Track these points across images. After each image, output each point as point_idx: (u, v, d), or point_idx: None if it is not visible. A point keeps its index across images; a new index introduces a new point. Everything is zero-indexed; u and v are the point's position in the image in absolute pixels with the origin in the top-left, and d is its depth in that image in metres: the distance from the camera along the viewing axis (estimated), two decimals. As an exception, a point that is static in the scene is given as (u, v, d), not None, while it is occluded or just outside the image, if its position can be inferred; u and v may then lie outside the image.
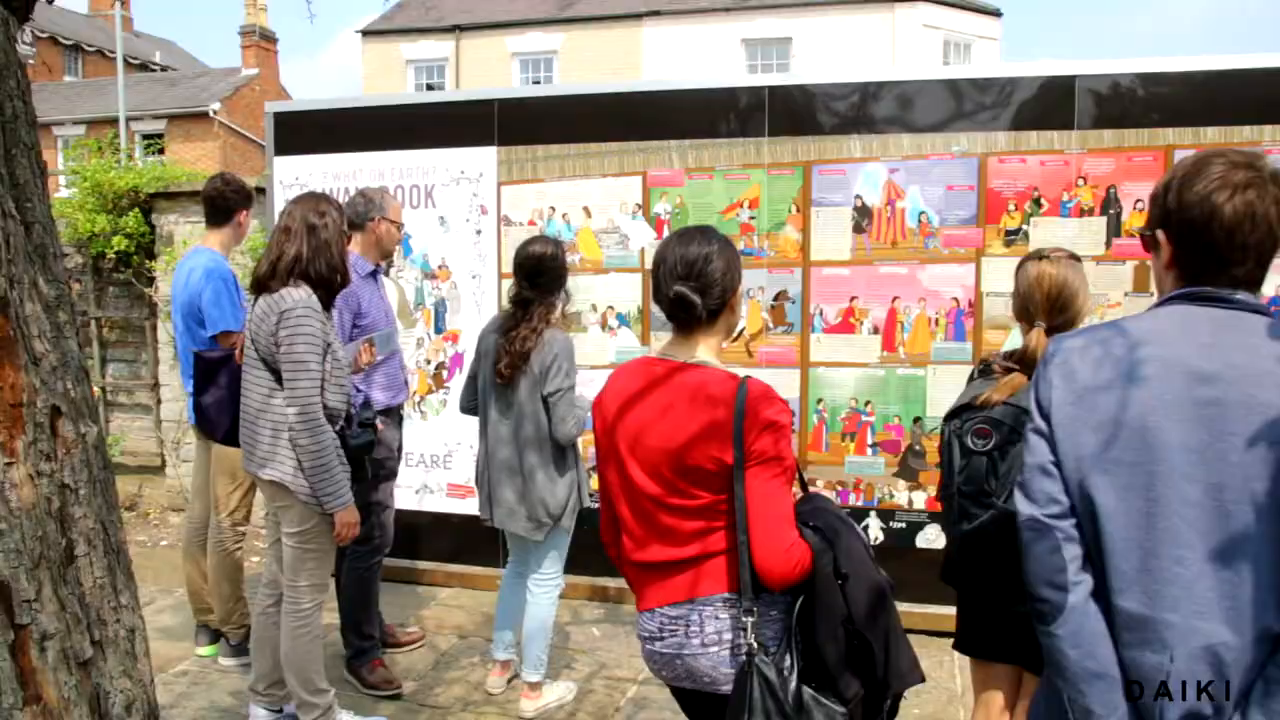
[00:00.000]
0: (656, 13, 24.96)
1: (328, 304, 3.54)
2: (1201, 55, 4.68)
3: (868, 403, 4.86)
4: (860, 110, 4.86)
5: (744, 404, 2.19)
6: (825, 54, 23.26)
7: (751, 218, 4.94)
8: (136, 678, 1.92)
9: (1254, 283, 1.73)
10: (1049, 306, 2.76)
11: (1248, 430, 1.60)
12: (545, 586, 4.07)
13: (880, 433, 4.87)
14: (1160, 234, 1.79)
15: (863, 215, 4.81)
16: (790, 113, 4.92)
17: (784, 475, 2.21)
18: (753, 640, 2.20)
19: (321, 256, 3.46)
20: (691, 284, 2.29)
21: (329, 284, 3.50)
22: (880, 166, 4.78)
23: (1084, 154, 4.57)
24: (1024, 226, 4.64)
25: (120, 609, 1.89)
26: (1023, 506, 1.78)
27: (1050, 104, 4.67)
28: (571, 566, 4.24)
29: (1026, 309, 2.83)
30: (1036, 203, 4.64)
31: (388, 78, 26.70)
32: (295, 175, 5.68)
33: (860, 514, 4.91)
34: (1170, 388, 1.66)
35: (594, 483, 4.44)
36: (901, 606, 2.44)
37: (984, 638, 2.96)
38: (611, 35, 25.30)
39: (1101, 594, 1.71)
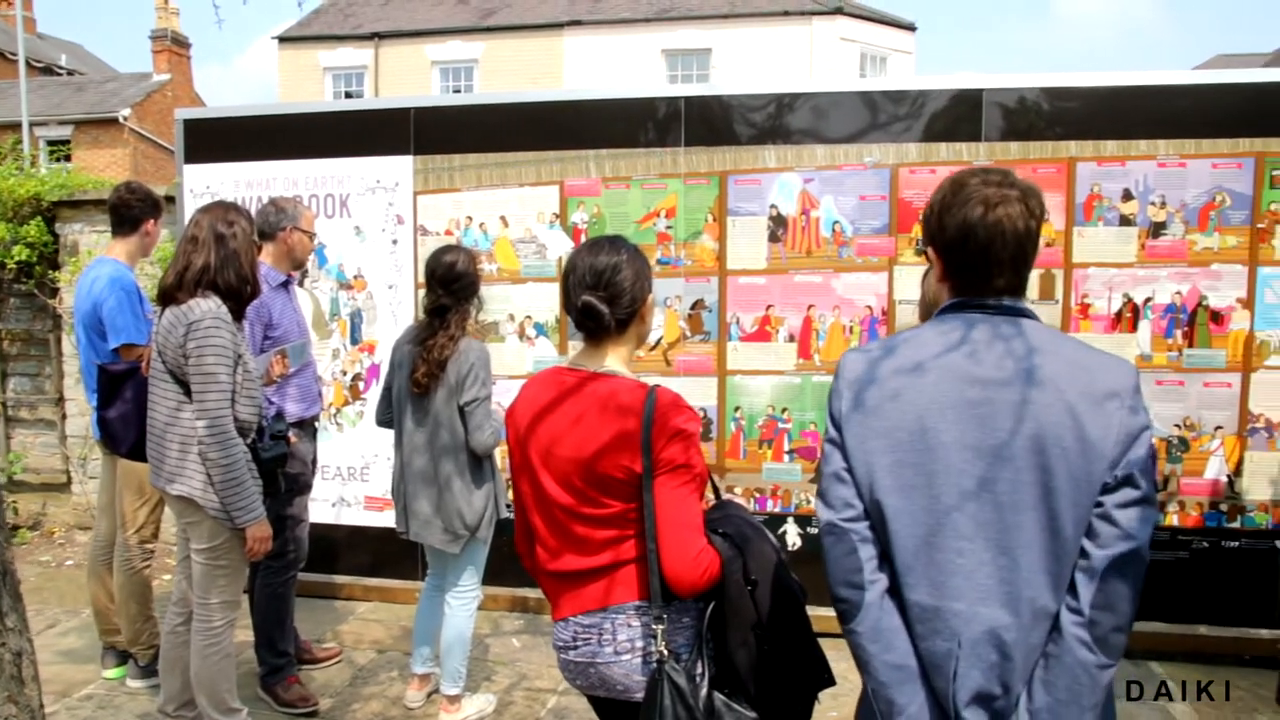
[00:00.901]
0: (577, 22, 25.01)
1: (238, 315, 3.47)
2: (1101, 72, 4.84)
3: (784, 410, 4.92)
4: (775, 121, 4.92)
5: (652, 413, 2.19)
6: (745, 65, 23.54)
7: (668, 227, 4.97)
8: (24, 703, 1.86)
9: (1017, 289, 1.86)
10: (944, 313, 2.83)
11: (1014, 427, 1.71)
12: (463, 599, 4.04)
13: (797, 439, 4.93)
14: (930, 251, 1.92)
15: (778, 225, 4.87)
16: (706, 123, 4.96)
17: (693, 483, 2.23)
18: (663, 648, 2.21)
19: (230, 266, 3.39)
20: (600, 293, 2.30)
21: (238, 295, 3.43)
22: (795, 177, 4.85)
23: (992, 164, 4.67)
24: (935, 236, 4.74)
25: (6, 631, 1.83)
26: (821, 512, 1.88)
27: (959, 117, 4.78)
28: (492, 578, 4.22)
29: (929, 315, 2.90)
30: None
31: (305, 86, 26.31)
32: (206, 184, 5.56)
33: (778, 520, 4.96)
34: (946, 392, 1.77)
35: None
36: (817, 610, 2.47)
37: None
38: (532, 44, 25.27)
39: (897, 590, 1.80)
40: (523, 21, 25.53)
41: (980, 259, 1.83)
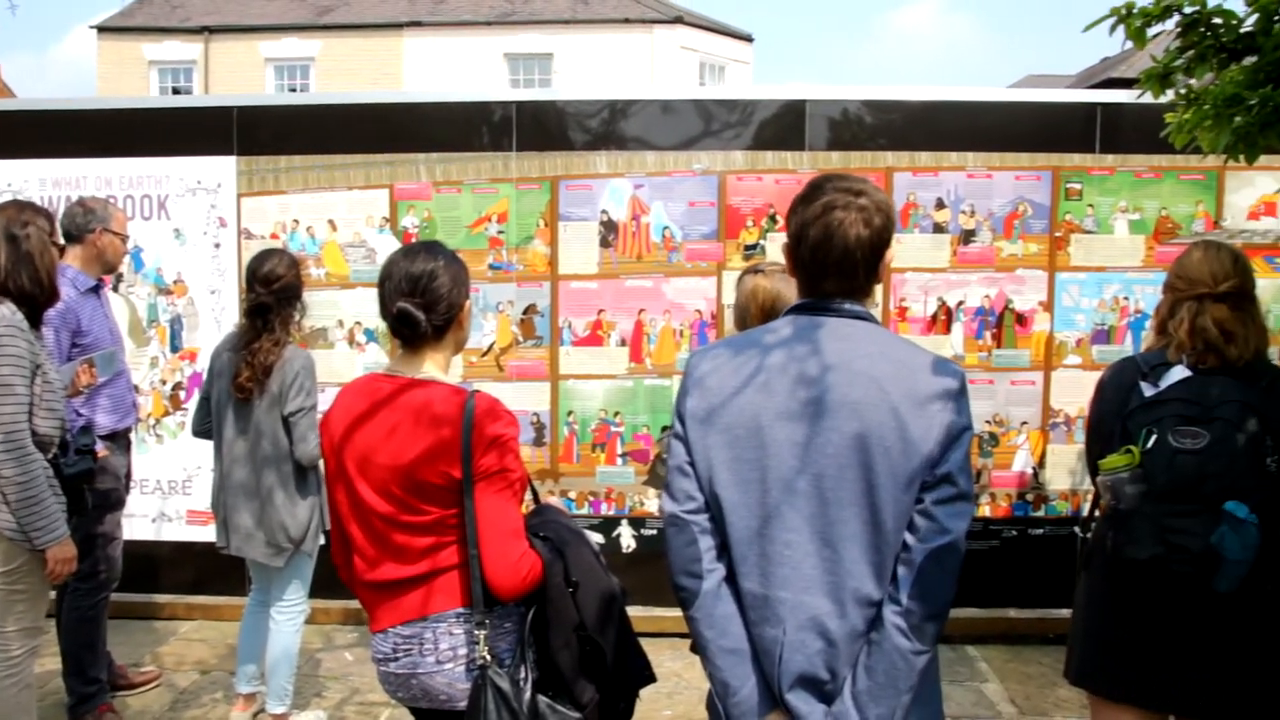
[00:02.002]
0: (417, 23, 24.60)
1: (35, 321, 3.27)
2: (917, 86, 5.09)
3: (617, 413, 4.97)
4: (607, 127, 4.97)
5: (471, 419, 2.19)
6: (587, 70, 23.62)
7: (500, 232, 4.96)
8: None
9: (851, 293, 1.92)
10: (763, 317, 2.92)
11: (841, 425, 1.79)
12: (288, 614, 3.92)
13: (630, 442, 4.99)
14: (785, 250, 2.01)
15: (609, 230, 4.92)
16: (539, 128, 4.97)
17: (512, 489, 2.24)
18: (485, 653, 2.20)
19: (23, 270, 3.20)
20: (416, 300, 2.28)
21: (32, 300, 3.24)
22: (626, 182, 4.91)
23: (815, 174, 4.83)
24: (761, 241, 4.89)
25: None
26: (665, 504, 1.94)
27: (784, 126, 4.94)
28: (324, 590, 4.12)
29: (744, 320, 3.00)
30: (772, 219, 4.89)
31: (128, 80, 25.01)
32: (8, 182, 5.24)
33: (612, 523, 5.01)
34: (781, 391, 1.84)
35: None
36: (653, 611, 2.51)
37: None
38: (371, 44, 24.72)
39: (733, 579, 1.88)
40: (361, 20, 24.93)
41: (811, 260, 1.90)
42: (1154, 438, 2.44)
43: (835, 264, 1.89)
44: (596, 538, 4.97)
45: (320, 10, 25.51)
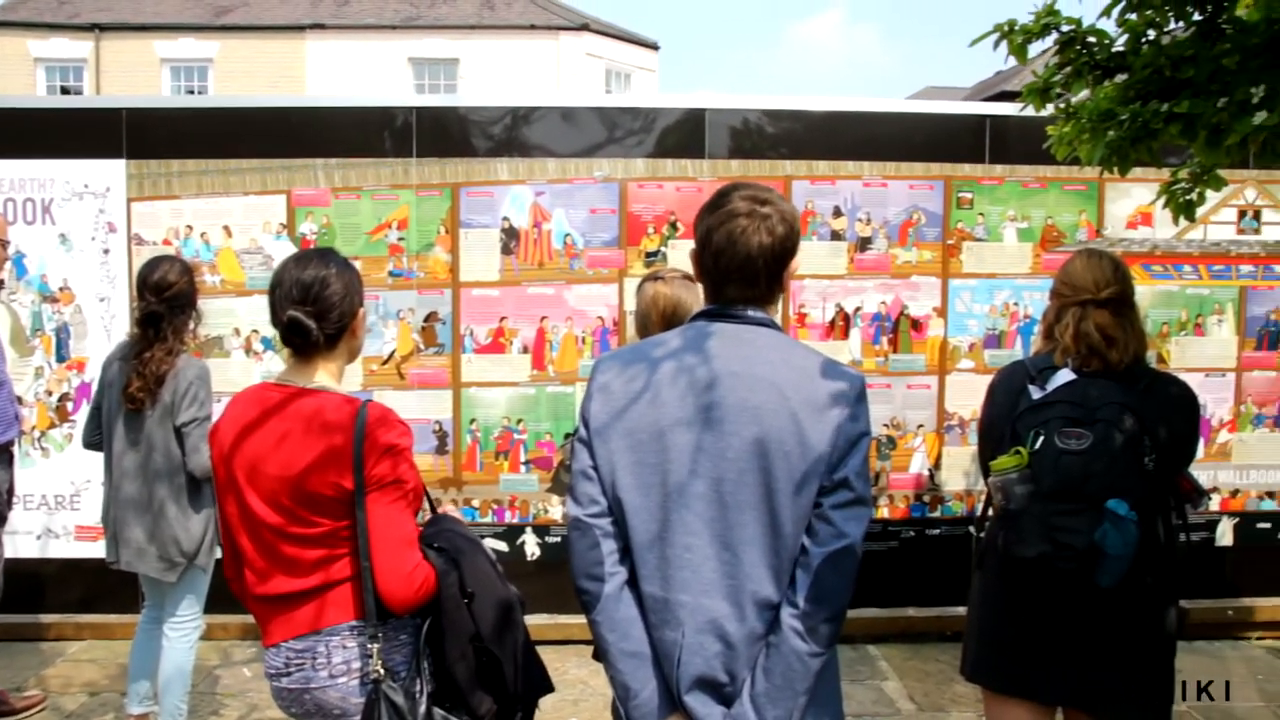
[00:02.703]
0: (320, 26, 24.20)
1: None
2: (814, 96, 5.19)
3: (520, 421, 4.96)
4: (509, 134, 4.96)
5: (363, 429, 2.16)
6: (493, 76, 23.53)
7: (400, 239, 4.91)
8: None
9: (753, 300, 1.96)
10: (663, 323, 2.95)
11: (741, 430, 1.82)
12: (182, 630, 3.82)
13: (533, 450, 4.98)
14: (691, 256, 2.04)
15: (510, 237, 4.91)
16: (439, 134, 4.94)
17: (405, 499, 2.22)
18: (379, 667, 2.18)
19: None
20: (307, 308, 2.25)
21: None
22: (527, 189, 4.91)
23: (714, 181, 4.92)
24: (662, 248, 4.92)
25: None
26: (569, 508, 1.96)
27: (685, 134, 4.99)
28: (221, 605, 3.99)
29: (645, 327, 3.02)
30: (673, 226, 4.94)
31: (12, 77, 24.06)
32: (-123, 187, 5.00)
33: (516, 531, 4.99)
34: (683, 396, 1.87)
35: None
36: (558, 619, 2.51)
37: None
38: (272, 46, 24.22)
39: (635, 582, 1.90)
40: (260, 22, 24.41)
41: (714, 266, 1.94)
42: (1041, 439, 2.53)
43: (737, 270, 1.92)
44: (500, 546, 4.97)
45: (218, 10, 24.92)
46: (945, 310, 5.09)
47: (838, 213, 5.00)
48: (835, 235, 5.00)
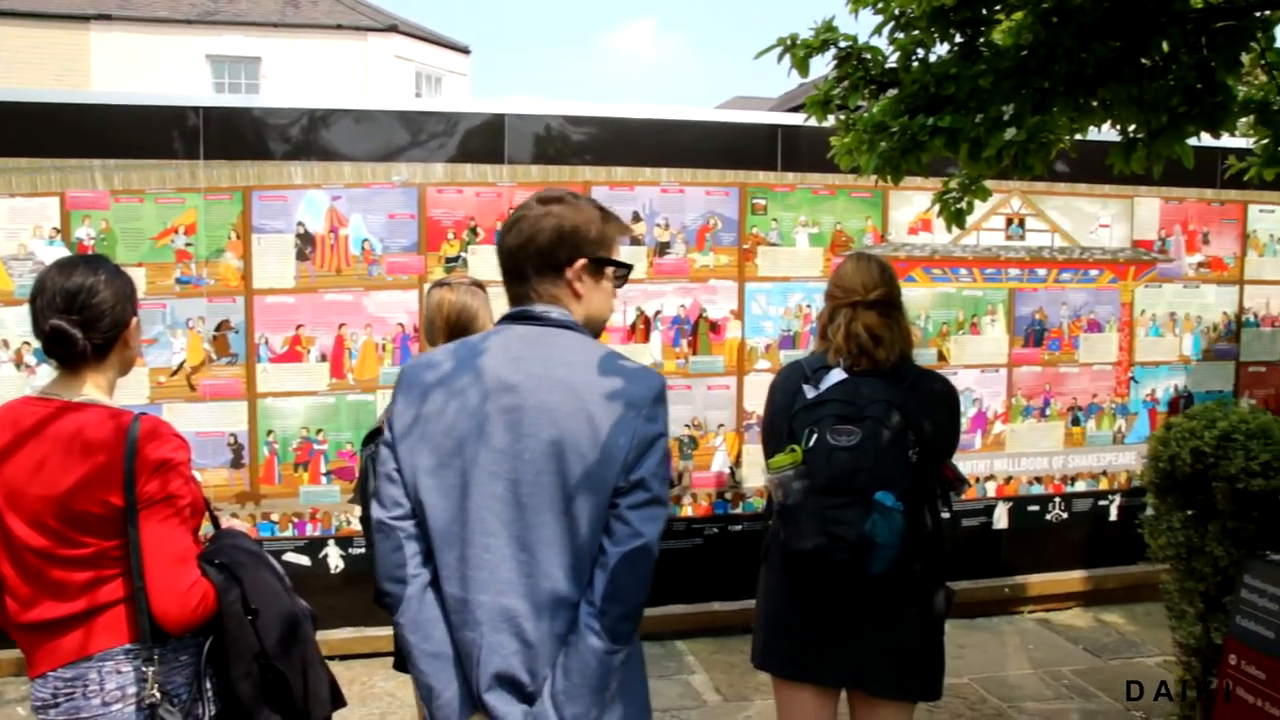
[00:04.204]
0: (106, 17, 22.76)
1: None
2: (613, 103, 5.27)
3: (320, 431, 4.83)
4: (304, 136, 4.82)
5: (134, 444, 2.08)
6: (298, 77, 22.75)
7: (188, 244, 4.69)
8: None
9: (530, 297, 1.99)
10: (448, 330, 2.96)
11: (538, 432, 1.86)
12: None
13: (334, 460, 4.85)
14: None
15: (306, 242, 4.77)
16: (229, 135, 4.74)
17: (180, 515, 2.14)
18: (155, 692, 2.10)
19: None
20: (73, 317, 2.14)
21: None
22: (322, 194, 4.78)
23: (514, 187, 4.92)
24: (463, 254, 4.89)
25: None
26: (374, 511, 1.96)
27: (484, 139, 4.97)
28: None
29: (431, 333, 3.02)
30: (473, 231, 4.91)
31: None
32: None
33: (319, 543, 4.86)
34: (484, 398, 1.89)
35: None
36: (368, 631, 2.46)
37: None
38: (52, 36, 22.64)
39: (438, 584, 1.91)
40: (37, 9, 22.76)
41: (508, 269, 2.00)
42: (815, 437, 2.66)
43: (504, 267, 2.00)
44: (302, 560, 4.82)
45: (-10, -5, 23.12)
46: (742, 313, 5.26)
47: (637, 218, 5.09)
48: (634, 240, 5.09)
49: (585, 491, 1.84)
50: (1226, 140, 5.16)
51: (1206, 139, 2.98)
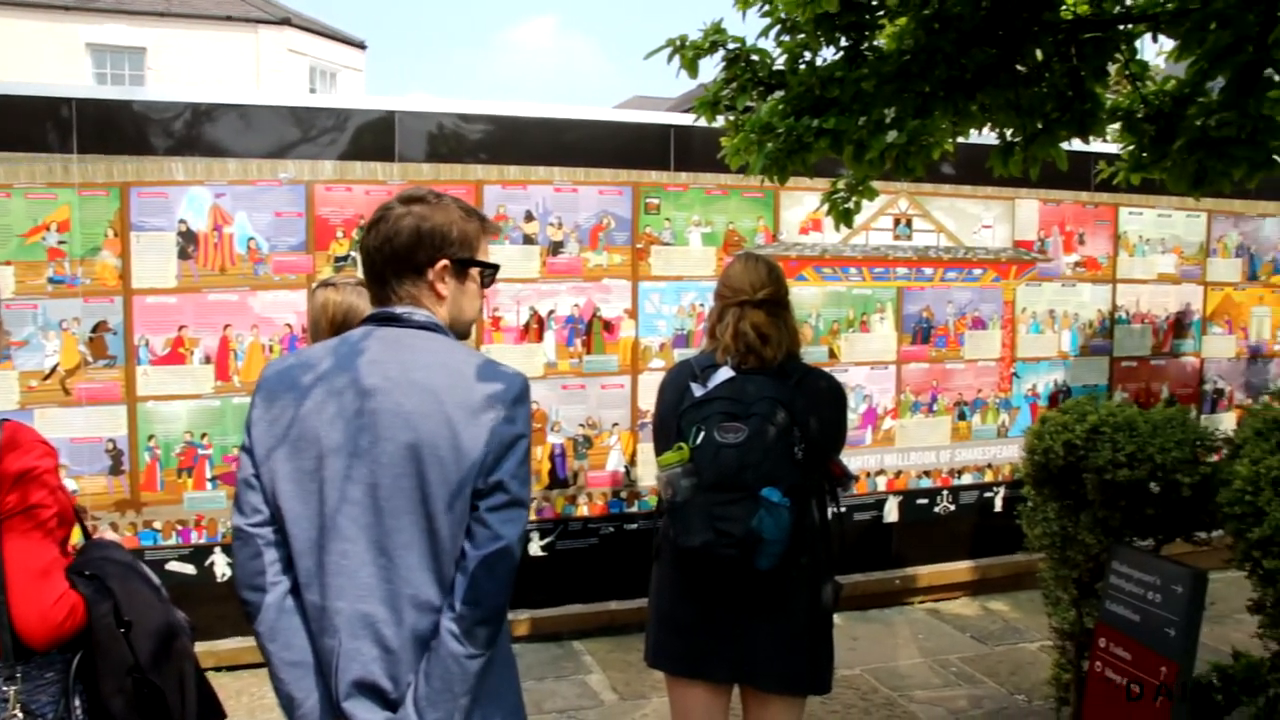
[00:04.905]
0: (-20, 4, 21.77)
1: None
2: (506, 101, 5.24)
3: (204, 435, 4.69)
4: (187, 131, 4.67)
5: (-9, 452, 1.99)
6: (186, 69, 22.06)
7: (61, 242, 4.50)
8: None
9: (404, 299, 1.97)
10: (333, 330, 2.90)
11: (395, 435, 1.84)
12: None
13: (220, 465, 4.72)
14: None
15: (188, 241, 4.63)
16: (106, 129, 4.56)
17: (43, 527, 2.07)
18: (17, 711, 2.02)
19: None
20: None
21: None
22: (206, 190, 4.64)
23: (406, 184, 4.84)
24: (352, 253, 4.80)
25: None
26: (233, 518, 1.93)
27: (374, 137, 4.89)
28: None
29: (316, 334, 2.97)
30: (363, 230, 4.81)
31: None
32: None
33: (204, 551, 4.72)
34: (342, 401, 1.87)
35: None
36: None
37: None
38: (-83, 23, 21.56)
39: (299, 591, 1.89)
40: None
41: (365, 268, 1.99)
42: (702, 434, 2.68)
43: (376, 274, 1.98)
44: (187, 569, 4.68)
45: None
46: (636, 312, 5.27)
47: (529, 217, 5.07)
48: (528, 239, 5.07)
49: (444, 495, 1.82)
50: (1099, 145, 5.39)
51: (1079, 143, 3.11)
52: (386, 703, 1.84)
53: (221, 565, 4.76)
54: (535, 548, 5.16)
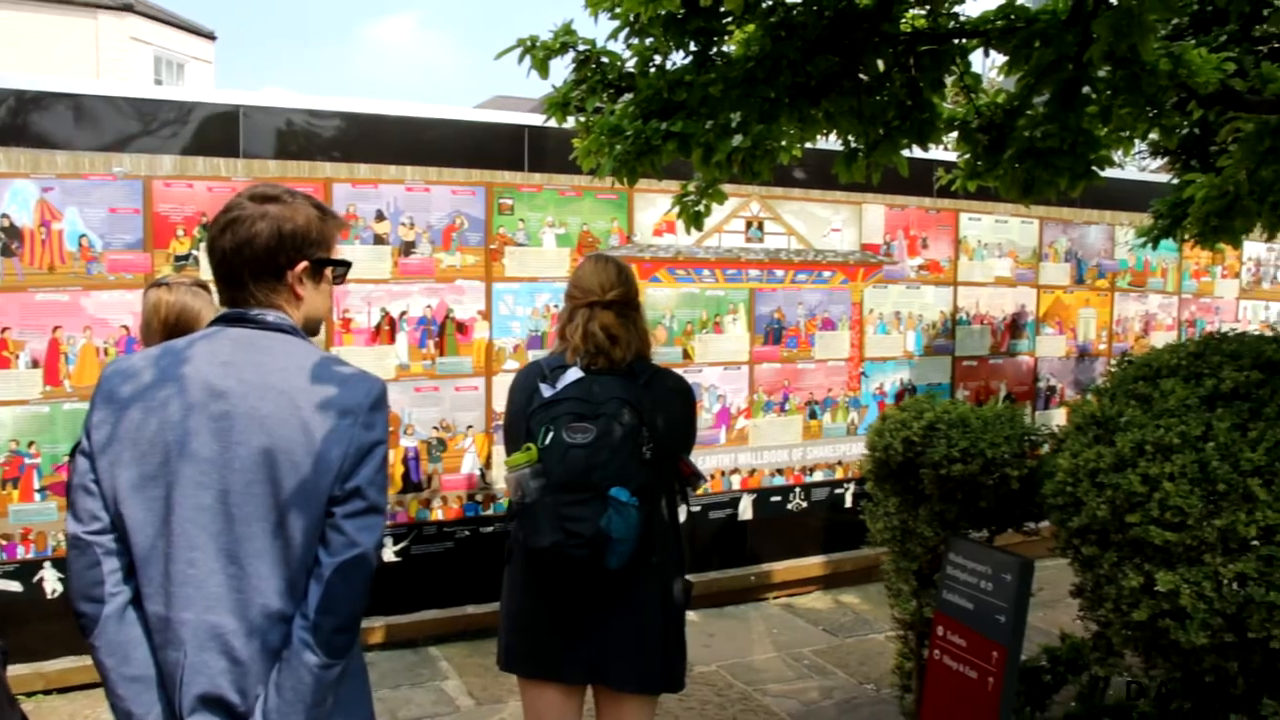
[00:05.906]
0: None
1: None
2: (357, 99, 5.13)
3: (31, 444, 4.44)
4: (10, 120, 4.41)
5: None
6: (19, 56, 20.86)
7: None
8: None
9: (260, 301, 1.91)
10: (165, 332, 2.81)
11: (249, 440, 1.79)
12: None
13: (49, 475, 4.47)
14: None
15: (12, 237, 4.37)
16: (-84, 118, 4.29)
17: None
18: None
19: None
20: None
21: None
22: (31, 184, 4.39)
23: (250, 181, 4.67)
24: (194, 252, 4.62)
25: None
26: (68, 525, 1.84)
27: (217, 131, 4.73)
28: None
29: (148, 335, 2.87)
30: (205, 228, 4.65)
31: None
32: None
33: (32, 566, 4.48)
34: (191, 404, 1.81)
35: None
36: (89, 661, 2.27)
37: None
38: None
39: (140, 602, 1.82)
40: None
41: (216, 271, 1.91)
42: (550, 435, 2.68)
43: (223, 274, 1.91)
44: (13, 586, 4.42)
45: None
46: (490, 313, 5.24)
47: (380, 217, 4.98)
48: (379, 239, 4.98)
49: (299, 501, 1.78)
50: (940, 153, 5.62)
51: (920, 151, 3.24)
52: (234, 716, 1.78)
53: (52, 581, 4.51)
54: (389, 553, 5.06)
